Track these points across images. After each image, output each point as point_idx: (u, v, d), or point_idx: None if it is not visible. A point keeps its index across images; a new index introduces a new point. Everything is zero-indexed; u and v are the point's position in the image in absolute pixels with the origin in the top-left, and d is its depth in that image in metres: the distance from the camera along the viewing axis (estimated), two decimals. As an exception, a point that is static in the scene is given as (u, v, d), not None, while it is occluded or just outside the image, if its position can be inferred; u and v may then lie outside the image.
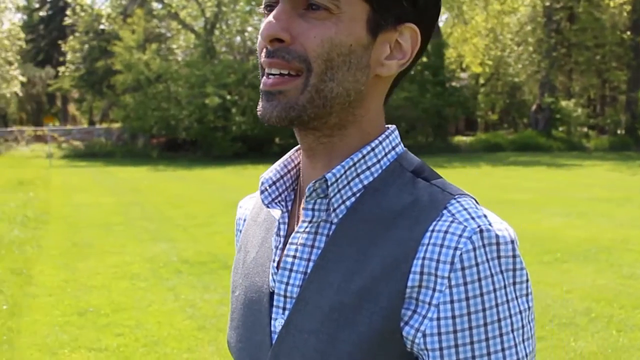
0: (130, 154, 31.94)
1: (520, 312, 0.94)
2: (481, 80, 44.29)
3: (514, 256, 0.94)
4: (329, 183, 1.01)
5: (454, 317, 0.92)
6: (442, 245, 0.93)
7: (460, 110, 37.84)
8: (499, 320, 0.92)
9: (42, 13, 49.08)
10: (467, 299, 0.91)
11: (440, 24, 41.46)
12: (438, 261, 0.92)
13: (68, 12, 40.80)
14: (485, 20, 39.76)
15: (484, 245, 0.92)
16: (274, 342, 1.05)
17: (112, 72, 34.75)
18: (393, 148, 1.06)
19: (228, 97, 30.06)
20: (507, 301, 0.93)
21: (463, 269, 0.91)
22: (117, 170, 25.34)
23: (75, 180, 20.45)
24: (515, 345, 0.93)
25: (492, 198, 15.06)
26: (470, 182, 19.75)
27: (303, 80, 0.98)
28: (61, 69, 39.63)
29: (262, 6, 1.04)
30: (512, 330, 0.93)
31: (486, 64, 40.14)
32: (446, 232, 0.94)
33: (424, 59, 36.72)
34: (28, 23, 48.04)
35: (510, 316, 0.93)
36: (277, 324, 1.05)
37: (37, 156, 30.79)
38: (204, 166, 26.69)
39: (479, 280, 0.92)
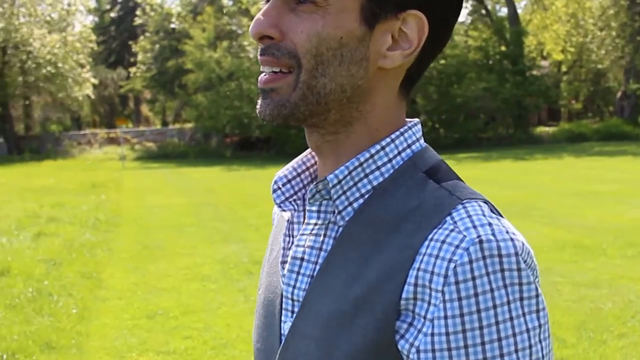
0: (203, 154, 32.42)
1: (528, 330, 0.87)
2: (563, 68, 43.45)
3: (519, 269, 0.87)
4: (331, 185, 0.99)
5: (447, 333, 0.87)
6: (437, 257, 0.88)
7: (541, 99, 37.26)
8: (500, 339, 0.86)
9: (112, 14, 50.26)
10: (462, 315, 0.86)
11: (519, 11, 40.81)
12: (432, 273, 0.88)
13: (138, 12, 41.71)
14: (566, 5, 39.00)
15: (483, 257, 0.86)
16: (281, 346, 1.04)
17: (184, 71, 35.34)
18: (409, 146, 1.02)
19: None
20: (511, 318, 0.87)
21: (457, 282, 0.86)
22: (190, 170, 25.75)
23: (148, 182, 20.85)
24: None
25: (574, 189, 14.80)
26: (552, 173, 19.39)
27: (294, 77, 0.97)
28: (132, 69, 40.53)
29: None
30: (517, 350, 0.86)
31: (568, 50, 39.37)
32: (443, 241, 0.89)
33: (502, 48, 36.25)
34: (99, 25, 49.27)
35: (514, 335, 0.87)
36: (286, 327, 1.05)
37: (110, 158, 31.56)
38: (278, 164, 26.82)
39: (476, 295, 0.86)
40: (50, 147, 34.85)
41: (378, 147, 1.00)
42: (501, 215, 0.95)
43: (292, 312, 1.03)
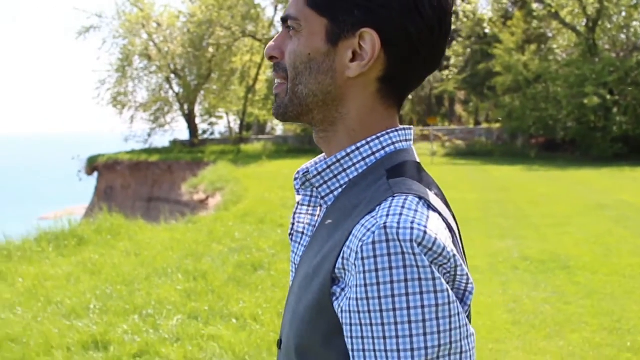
0: (508, 153, 31.96)
1: (423, 306, 0.98)
2: None
3: (414, 253, 0.98)
4: (312, 175, 1.21)
5: (357, 299, 1.01)
6: (356, 237, 1.03)
7: None
8: (394, 309, 0.98)
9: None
10: (365, 285, 0.99)
11: None
12: (351, 250, 1.03)
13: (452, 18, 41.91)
14: None
15: (384, 241, 0.99)
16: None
17: (493, 74, 35.09)
18: (383, 148, 1.18)
19: (608, 96, 28.58)
20: (407, 294, 0.98)
21: (363, 258, 1.00)
22: (492, 168, 25.60)
23: (450, 178, 21.13)
24: (411, 336, 0.98)
25: None
26: None
27: (286, 86, 1.21)
28: (445, 72, 41.08)
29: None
30: (409, 322, 0.98)
31: None
32: (363, 225, 1.04)
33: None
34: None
35: (409, 308, 0.98)
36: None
37: (422, 154, 32.14)
38: (579, 167, 25.77)
39: (376, 270, 0.99)
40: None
41: (354, 147, 1.17)
42: (434, 210, 1.07)
43: (294, 273, 1.28)
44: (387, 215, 1.02)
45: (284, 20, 1.20)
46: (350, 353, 1.03)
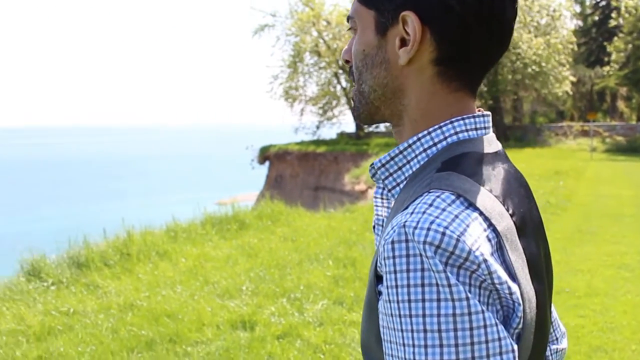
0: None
1: (439, 315, 0.85)
2: None
3: (427, 257, 0.86)
4: (376, 168, 1.11)
5: (383, 300, 0.91)
6: (385, 234, 0.93)
7: None
8: (411, 315, 0.86)
9: (595, 17, 48.69)
10: (387, 287, 0.89)
11: None
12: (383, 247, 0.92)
13: (613, 14, 39.80)
14: None
15: (403, 241, 0.88)
16: None
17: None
18: (445, 138, 1.05)
19: None
20: (423, 300, 0.86)
21: (385, 258, 0.90)
22: (654, 165, 23.95)
23: (607, 173, 19.99)
24: (426, 346, 0.85)
25: None
26: None
27: (355, 87, 1.14)
28: (606, 68, 38.92)
29: None
30: (425, 331, 0.85)
31: None
32: (392, 222, 0.94)
33: None
34: (582, 28, 48.09)
35: (424, 315, 0.85)
36: None
37: (582, 149, 30.74)
38: None
39: (395, 272, 0.88)
40: (531, 136, 35.18)
41: (415, 138, 1.06)
42: (474, 209, 0.93)
43: None
44: (411, 213, 0.91)
45: (348, 20, 1.15)
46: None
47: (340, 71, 36.88)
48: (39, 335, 5.68)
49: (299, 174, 33.98)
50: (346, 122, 39.34)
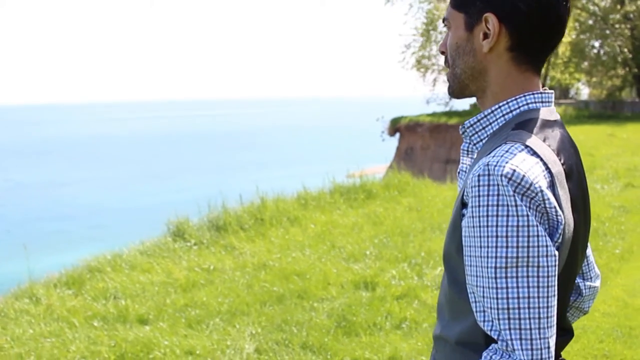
0: None
1: (507, 225, 1.26)
2: None
3: (502, 185, 1.27)
4: (466, 126, 1.54)
5: (466, 216, 1.33)
6: (473, 170, 1.35)
7: None
8: (487, 226, 1.28)
9: None
10: (471, 206, 1.31)
11: None
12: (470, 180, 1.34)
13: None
14: None
15: (486, 175, 1.29)
16: None
17: None
18: (518, 107, 1.47)
19: None
20: (497, 215, 1.27)
21: (472, 187, 1.31)
22: None
23: None
24: (496, 246, 1.27)
25: None
26: None
27: (450, 71, 1.57)
28: None
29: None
30: (496, 236, 1.27)
31: None
32: (478, 163, 1.35)
33: None
34: None
35: (496, 226, 1.27)
36: None
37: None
38: None
39: (478, 196, 1.29)
40: None
41: (496, 106, 1.49)
42: (536, 156, 1.33)
43: None
44: (493, 156, 1.32)
45: (444, 21, 1.57)
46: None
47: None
48: (185, 287, 6.46)
49: (429, 146, 33.86)
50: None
